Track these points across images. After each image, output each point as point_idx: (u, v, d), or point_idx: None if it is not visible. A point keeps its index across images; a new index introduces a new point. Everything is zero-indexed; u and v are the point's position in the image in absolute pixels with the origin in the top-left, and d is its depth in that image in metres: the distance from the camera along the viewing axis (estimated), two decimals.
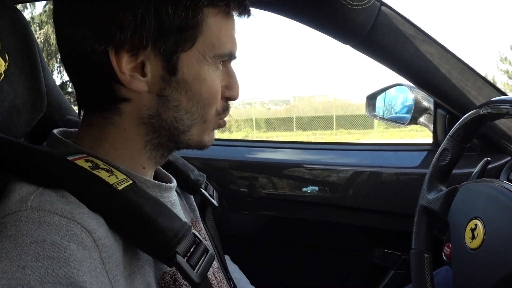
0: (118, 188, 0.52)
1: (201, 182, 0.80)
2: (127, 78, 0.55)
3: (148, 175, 0.63)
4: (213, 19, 0.57)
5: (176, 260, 0.52)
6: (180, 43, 0.55)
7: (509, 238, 0.63)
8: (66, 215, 0.47)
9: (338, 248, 1.28)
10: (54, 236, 0.44)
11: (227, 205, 1.26)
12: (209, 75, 0.58)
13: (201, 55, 0.57)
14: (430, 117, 1.25)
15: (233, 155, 1.28)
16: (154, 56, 0.55)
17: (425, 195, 0.86)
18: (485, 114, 0.74)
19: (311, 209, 1.22)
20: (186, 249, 0.54)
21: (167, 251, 0.51)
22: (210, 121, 0.62)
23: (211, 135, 0.65)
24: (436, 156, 0.86)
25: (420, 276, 0.83)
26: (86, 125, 0.61)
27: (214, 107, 0.61)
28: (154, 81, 0.56)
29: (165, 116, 0.58)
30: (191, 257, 0.55)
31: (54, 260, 0.43)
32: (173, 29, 0.54)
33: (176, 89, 0.57)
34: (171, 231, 0.52)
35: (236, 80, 0.64)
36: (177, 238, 0.52)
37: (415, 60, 1.02)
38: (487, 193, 0.71)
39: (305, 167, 1.22)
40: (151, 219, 0.52)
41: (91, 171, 0.53)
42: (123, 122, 0.58)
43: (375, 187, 1.18)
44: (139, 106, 0.57)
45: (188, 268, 0.53)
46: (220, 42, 0.58)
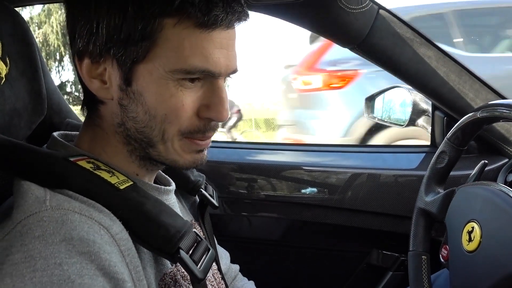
0: (120, 188, 0.54)
1: (201, 182, 0.80)
2: (92, 84, 0.57)
3: (146, 179, 0.63)
4: (172, 30, 0.53)
5: (180, 255, 0.53)
6: (133, 54, 0.53)
7: (505, 241, 0.64)
8: (85, 213, 0.49)
9: (337, 250, 1.28)
10: (80, 232, 0.46)
11: (226, 207, 1.27)
12: (166, 90, 0.54)
13: (158, 69, 0.54)
14: (428, 119, 1.26)
15: (232, 157, 1.28)
16: (112, 65, 0.55)
17: (423, 197, 0.87)
18: (482, 118, 0.75)
19: (309, 211, 1.23)
20: (189, 245, 0.56)
21: (171, 247, 0.53)
22: (172, 140, 0.57)
23: (186, 157, 0.60)
24: (433, 159, 0.86)
25: (417, 278, 0.84)
26: (84, 126, 0.63)
27: (175, 125, 0.56)
28: (114, 89, 0.56)
29: (128, 126, 0.58)
30: (194, 253, 0.56)
31: (86, 255, 0.45)
32: (124, 39, 0.53)
33: (133, 100, 0.56)
34: (174, 228, 0.54)
35: (221, 100, 0.57)
36: (180, 234, 0.54)
37: (413, 63, 1.02)
38: (484, 196, 0.71)
39: (304, 169, 1.23)
40: (154, 216, 0.53)
41: (93, 171, 0.54)
42: (104, 125, 0.60)
43: (373, 188, 1.18)
44: (111, 112, 0.59)
45: (191, 263, 0.54)
46: (181, 56, 0.53)
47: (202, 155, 0.61)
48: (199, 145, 0.60)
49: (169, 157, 0.59)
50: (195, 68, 0.54)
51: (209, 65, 0.54)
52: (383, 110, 1.39)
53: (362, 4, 0.91)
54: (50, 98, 0.79)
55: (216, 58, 0.54)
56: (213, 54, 0.54)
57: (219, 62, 0.55)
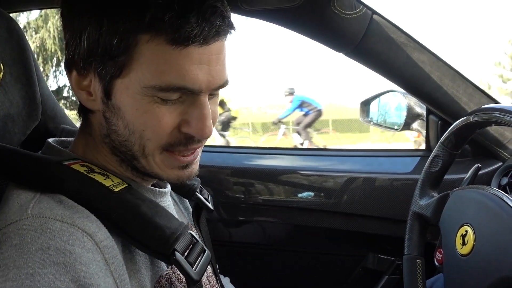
0: (114, 190, 0.54)
1: (196, 186, 0.80)
2: (80, 95, 0.57)
3: (143, 183, 0.64)
4: (146, 46, 0.51)
5: (175, 257, 0.53)
6: (111, 68, 0.53)
7: (498, 245, 0.64)
8: (67, 220, 0.48)
9: (333, 254, 1.28)
10: (58, 242, 0.45)
11: (222, 212, 1.27)
12: (142, 106, 0.53)
13: (135, 84, 0.53)
14: (423, 123, 1.27)
15: (228, 161, 1.29)
16: (95, 78, 0.55)
17: (417, 201, 0.87)
18: (474, 122, 0.75)
19: (306, 215, 1.23)
20: (185, 247, 0.55)
21: (166, 248, 0.53)
22: (153, 155, 0.56)
23: (168, 172, 0.59)
24: (427, 163, 0.87)
25: (412, 282, 0.84)
26: (79, 132, 0.63)
27: (154, 141, 0.55)
28: (98, 102, 0.57)
29: (113, 138, 0.57)
30: (189, 255, 0.56)
31: (60, 266, 0.44)
32: (102, 53, 0.53)
33: (114, 114, 0.56)
34: (169, 229, 0.54)
35: (202, 117, 0.55)
36: (175, 236, 0.54)
37: (407, 68, 1.03)
38: (477, 200, 0.72)
39: (300, 173, 1.23)
40: (149, 218, 0.53)
41: (87, 174, 0.54)
42: (94, 134, 0.60)
43: (369, 192, 1.18)
44: (99, 122, 0.59)
45: (187, 265, 0.54)
46: (156, 73, 0.52)
47: (187, 172, 0.60)
48: (182, 161, 0.59)
49: (153, 171, 0.59)
50: (169, 85, 0.52)
51: (185, 82, 0.52)
52: (378, 114, 1.40)
53: (356, 9, 0.92)
54: (45, 104, 0.80)
55: (194, 75, 0.52)
56: (190, 70, 0.52)
57: (198, 78, 0.53)
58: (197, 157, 0.61)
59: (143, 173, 0.60)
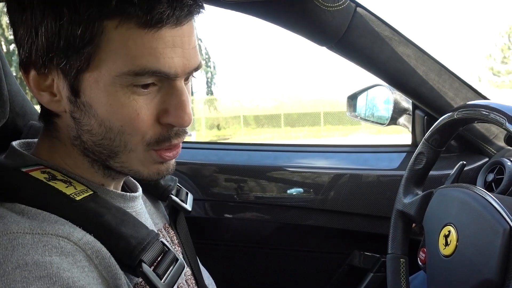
0: (76, 199, 0.51)
1: (171, 187, 0.77)
2: (41, 97, 0.53)
3: (111, 186, 0.61)
4: (114, 33, 0.48)
5: (142, 269, 0.50)
6: (76, 62, 0.49)
7: (481, 246, 0.62)
8: (37, 231, 0.45)
9: (318, 251, 1.27)
10: (34, 256, 0.43)
11: (208, 210, 1.25)
12: (116, 99, 0.50)
13: (105, 75, 0.49)
14: (409, 117, 1.25)
15: (212, 158, 1.26)
16: (58, 76, 0.51)
17: (401, 199, 0.86)
18: (459, 119, 0.73)
19: (292, 213, 1.21)
20: (153, 258, 0.53)
21: (132, 260, 0.50)
22: (139, 151, 0.53)
23: (151, 167, 0.56)
24: (411, 160, 0.85)
25: (395, 281, 0.82)
26: (41, 136, 0.59)
27: (137, 135, 0.52)
28: (65, 102, 0.53)
29: (84, 139, 0.54)
30: (159, 266, 0.53)
31: (45, 278, 0.42)
32: (64, 46, 0.48)
33: (85, 112, 0.52)
34: (135, 239, 0.51)
35: (181, 104, 0.52)
36: (142, 246, 0.51)
37: (392, 62, 1.00)
38: (461, 199, 0.70)
39: (286, 170, 1.21)
40: (113, 228, 0.51)
41: (46, 182, 0.51)
42: (62, 137, 0.56)
43: (355, 189, 1.17)
44: (66, 125, 0.55)
45: (154, 277, 0.51)
46: (128, 58, 0.48)
47: (167, 165, 0.57)
48: (165, 158, 0.56)
49: (133, 168, 0.55)
50: (144, 69, 0.49)
51: (160, 66, 0.49)
52: (365, 108, 1.38)
53: (338, 1, 0.89)
54: (13, 100, 0.76)
55: (169, 58, 0.50)
56: (164, 54, 0.49)
57: (173, 62, 0.50)
58: (178, 153, 0.58)
59: (119, 172, 0.57)
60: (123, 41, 0.48)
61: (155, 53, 0.49)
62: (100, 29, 0.48)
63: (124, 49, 0.48)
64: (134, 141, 0.52)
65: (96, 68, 0.49)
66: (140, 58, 0.48)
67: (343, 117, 15.50)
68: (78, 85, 0.50)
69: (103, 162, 0.55)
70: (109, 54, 0.48)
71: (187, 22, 0.51)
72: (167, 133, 0.54)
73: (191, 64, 0.52)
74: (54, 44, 0.49)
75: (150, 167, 0.56)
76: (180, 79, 0.52)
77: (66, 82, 0.51)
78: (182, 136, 0.56)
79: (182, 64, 0.51)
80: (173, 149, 0.56)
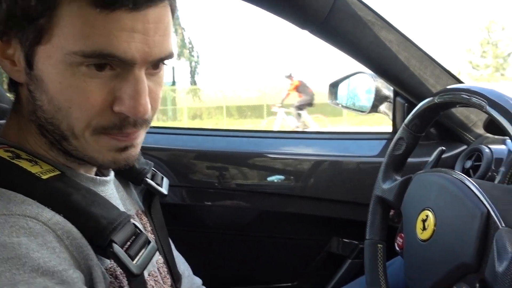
0: (42, 177, 0.49)
1: (146, 171, 0.75)
2: (4, 63, 0.51)
3: (81, 170, 0.58)
4: (68, 8, 0.45)
5: (113, 250, 0.48)
6: (31, 33, 0.47)
7: (458, 229, 0.62)
8: (2, 211, 0.44)
9: (297, 238, 1.26)
10: (1, 237, 0.41)
11: (185, 197, 1.22)
12: (66, 78, 0.47)
13: (57, 51, 0.47)
14: (390, 105, 1.25)
15: (191, 144, 1.24)
16: (17, 46, 0.50)
17: (380, 184, 0.85)
18: (439, 103, 0.73)
19: (271, 200, 1.20)
20: (125, 239, 0.51)
21: (102, 240, 0.48)
22: (86, 137, 0.50)
23: (105, 155, 0.52)
24: (391, 146, 0.84)
25: (373, 267, 0.82)
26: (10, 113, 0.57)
27: (82, 121, 0.49)
28: (22, 72, 0.51)
29: (38, 115, 0.51)
30: (130, 247, 0.51)
31: (14, 260, 0.40)
32: (21, 16, 0.47)
33: (37, 86, 0.49)
34: (106, 219, 0.49)
35: (136, 93, 0.49)
36: (113, 226, 0.49)
37: (374, 47, 0.99)
38: (439, 184, 0.69)
39: (266, 157, 1.20)
40: (82, 208, 0.49)
41: (10, 160, 0.49)
42: (23, 111, 0.54)
43: (335, 176, 1.16)
44: (26, 97, 0.53)
45: (125, 258, 0.50)
46: (79, 37, 0.46)
47: (125, 155, 0.54)
48: (120, 142, 0.52)
49: (86, 154, 0.52)
50: (95, 51, 0.46)
51: (114, 49, 0.46)
52: (347, 96, 1.37)
53: None
54: None
55: (124, 42, 0.46)
56: (119, 37, 0.46)
57: (130, 47, 0.47)
58: (138, 138, 0.55)
59: (76, 157, 0.54)
60: (74, 18, 0.46)
61: (108, 36, 0.46)
62: (55, 3, 0.46)
63: (75, 27, 0.46)
64: (80, 126, 0.50)
65: (48, 42, 0.47)
66: (91, 38, 0.46)
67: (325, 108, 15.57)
68: (32, 57, 0.49)
69: (59, 145, 0.53)
70: (61, 30, 0.46)
71: (147, 8, 0.47)
72: (119, 121, 0.51)
73: (154, 52, 0.49)
74: (13, 13, 0.47)
75: (105, 154, 0.53)
76: (139, 67, 0.49)
77: (23, 52, 0.49)
78: (140, 126, 0.53)
79: (142, 51, 0.48)
80: (130, 135, 0.53)
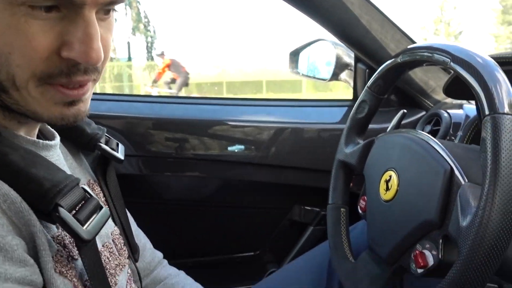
0: None
1: (99, 135, 0.69)
2: None
3: (21, 132, 0.52)
4: None
5: (59, 214, 0.44)
6: None
7: (422, 188, 0.62)
8: None
9: (259, 207, 1.25)
10: None
11: (142, 167, 1.17)
12: (5, 19, 0.41)
13: None
14: (351, 73, 1.24)
15: (147, 112, 1.17)
16: None
17: (343, 149, 0.84)
18: (402, 63, 0.71)
19: (232, 169, 1.17)
20: (72, 203, 0.47)
21: (46, 204, 0.44)
22: (30, 89, 0.45)
23: (51, 109, 0.47)
24: (354, 109, 0.83)
25: (336, 231, 0.81)
26: None
27: (26, 69, 0.44)
28: None
29: None
30: (79, 212, 0.47)
31: None
32: None
33: None
34: (50, 182, 0.45)
35: (87, 36, 0.44)
36: (58, 189, 0.45)
37: (336, 10, 0.97)
38: (402, 144, 0.69)
39: (226, 125, 1.16)
40: (21, 169, 0.44)
41: None
42: None
43: (296, 144, 1.15)
44: None
45: (74, 222, 0.45)
46: None
47: (74, 110, 0.49)
48: (67, 95, 0.47)
49: (30, 108, 0.47)
50: None
51: None
52: (307, 64, 1.35)
53: None
54: None
55: None
56: None
57: None
58: (87, 92, 0.49)
59: (17, 112, 0.48)
60: None
61: None
62: None
63: None
64: (23, 75, 0.44)
65: None
66: None
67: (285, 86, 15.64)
68: None
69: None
70: None
71: None
72: (67, 68, 0.45)
73: None
74: None
75: (50, 109, 0.47)
76: (89, 9, 0.44)
77: None
78: (90, 74, 0.47)
79: None
80: (78, 87, 0.47)
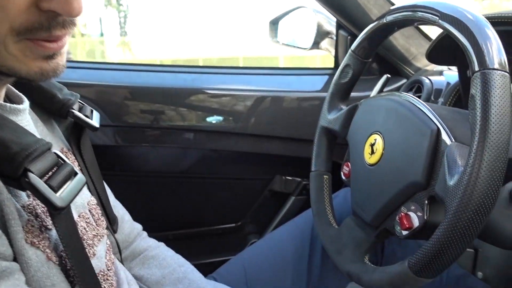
0: None
1: (72, 102, 0.65)
2: None
3: None
4: None
5: (28, 179, 0.41)
6: None
7: (407, 150, 0.61)
8: None
9: (240, 178, 1.23)
10: None
11: (118, 138, 1.13)
12: None
13: None
14: (332, 41, 1.21)
15: (123, 80, 1.12)
16: None
17: (326, 115, 0.82)
18: (389, 23, 0.69)
19: (212, 139, 1.15)
20: (44, 169, 0.44)
21: (13, 168, 0.41)
22: (8, 43, 0.42)
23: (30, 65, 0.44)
24: (337, 74, 0.81)
25: (319, 198, 0.80)
26: None
27: (6, 22, 0.40)
28: None
29: None
30: (52, 178, 0.44)
31: None
32: None
33: None
34: (18, 145, 0.41)
35: None
36: (27, 153, 0.41)
37: None
38: (387, 106, 0.67)
39: (205, 93, 1.12)
40: None
41: None
42: None
43: (277, 113, 1.13)
44: None
45: (45, 188, 0.42)
46: None
47: (53, 64, 0.46)
48: (47, 48, 0.44)
49: (7, 64, 0.43)
50: None
51: None
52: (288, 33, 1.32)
53: None
54: None
55: None
56: None
57: None
58: (64, 45, 0.46)
59: None
60: None
61: None
62: None
63: None
64: (2, 30, 0.40)
65: None
66: None
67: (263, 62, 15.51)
68: None
69: None
70: None
71: None
72: (46, 21, 0.42)
73: None
74: None
75: (29, 64, 0.44)
76: None
77: None
78: (68, 27, 0.44)
79: None
80: (57, 40, 0.44)
